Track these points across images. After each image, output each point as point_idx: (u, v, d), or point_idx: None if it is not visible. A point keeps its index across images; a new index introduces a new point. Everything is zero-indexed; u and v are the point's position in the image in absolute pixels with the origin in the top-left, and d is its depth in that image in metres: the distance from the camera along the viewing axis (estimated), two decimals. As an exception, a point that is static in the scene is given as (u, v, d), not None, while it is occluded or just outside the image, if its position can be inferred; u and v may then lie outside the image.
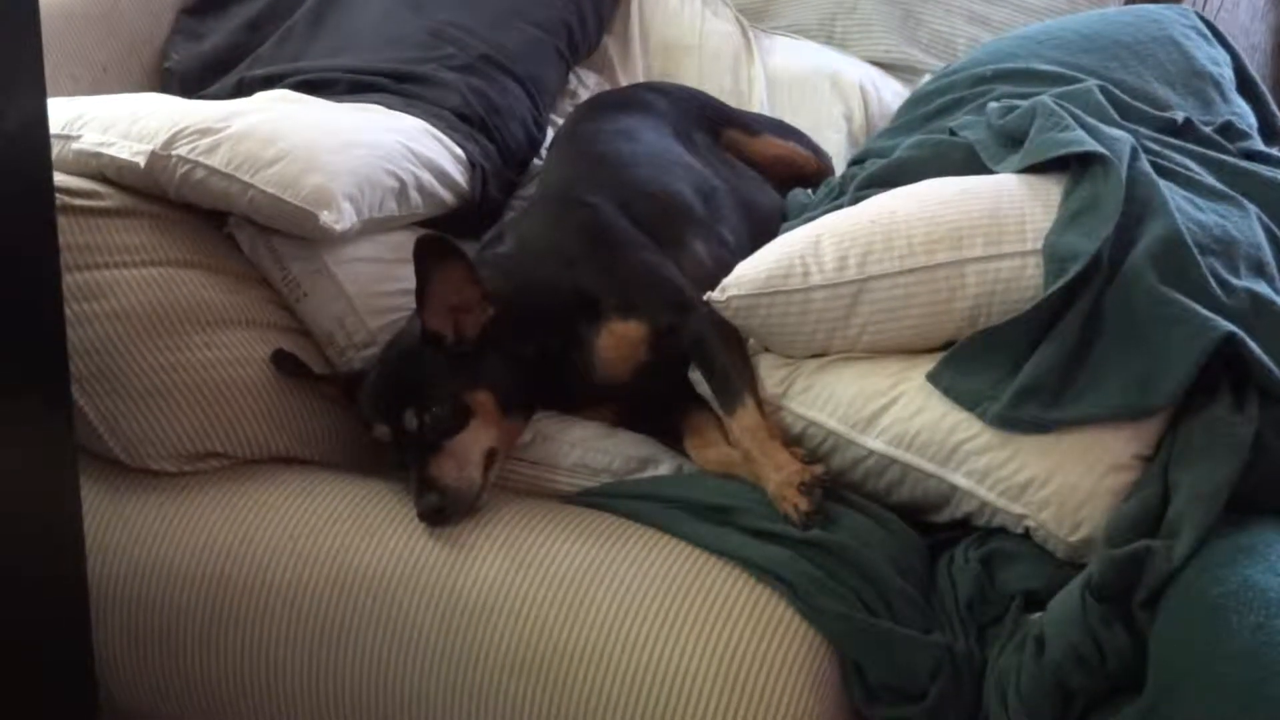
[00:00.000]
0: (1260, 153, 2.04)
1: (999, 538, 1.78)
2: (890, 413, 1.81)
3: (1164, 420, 1.72)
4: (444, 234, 1.85)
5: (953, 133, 2.09)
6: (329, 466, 2.00)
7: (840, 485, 1.84)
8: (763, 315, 1.87)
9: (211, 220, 2.07)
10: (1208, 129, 2.04)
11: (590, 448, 1.98)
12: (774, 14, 3.04)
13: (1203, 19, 2.30)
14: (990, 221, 1.84)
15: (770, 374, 1.91)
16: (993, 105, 2.07)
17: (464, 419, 1.86)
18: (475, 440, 1.86)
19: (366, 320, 2.09)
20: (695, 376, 1.97)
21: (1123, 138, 1.89)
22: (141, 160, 1.96)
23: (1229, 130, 2.06)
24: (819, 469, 1.79)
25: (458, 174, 2.29)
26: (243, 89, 2.49)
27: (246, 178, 1.96)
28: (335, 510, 1.86)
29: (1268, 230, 1.87)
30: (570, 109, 2.64)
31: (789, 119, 2.75)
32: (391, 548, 1.80)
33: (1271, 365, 1.67)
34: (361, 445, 2.03)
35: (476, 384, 1.87)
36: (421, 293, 1.84)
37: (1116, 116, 1.99)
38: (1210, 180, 1.91)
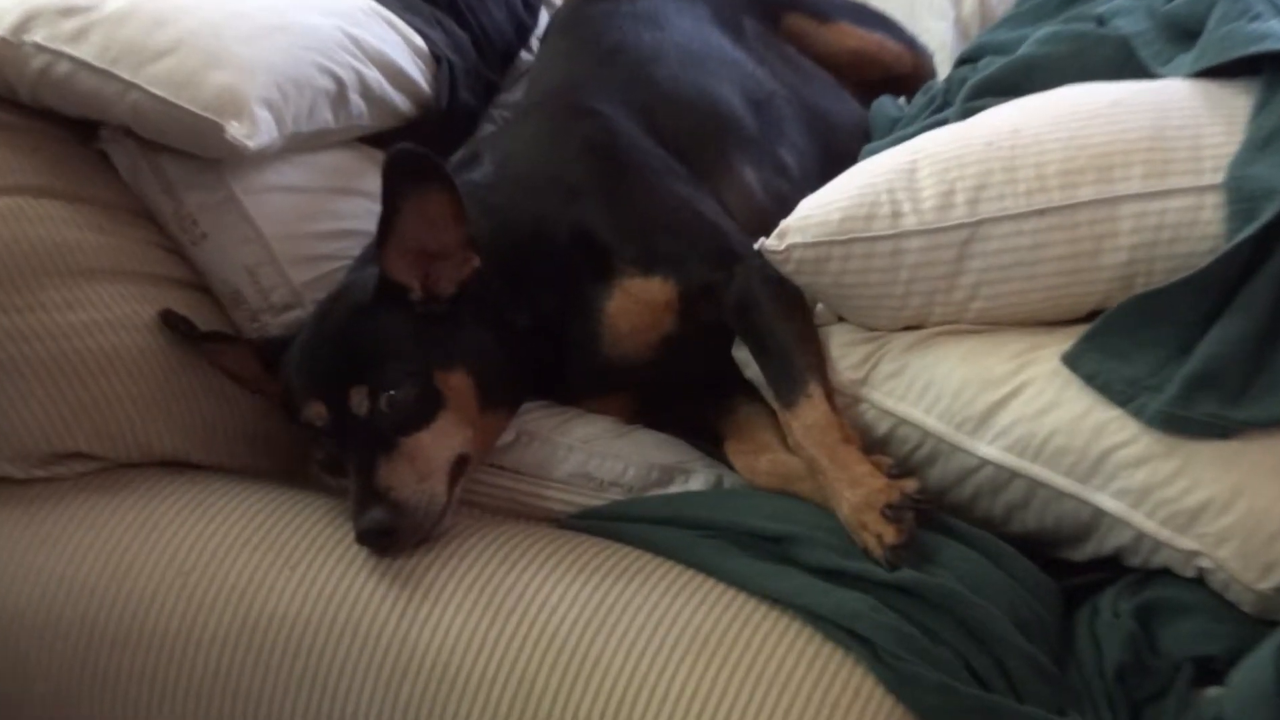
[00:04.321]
0: None
1: (1161, 583, 1.78)
2: (1011, 408, 1.82)
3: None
4: (425, 149, 1.85)
5: (1101, 22, 2.10)
6: (234, 474, 2.01)
7: (941, 508, 1.84)
8: (836, 271, 1.88)
9: (77, 133, 2.08)
10: None
11: (595, 452, 1.99)
12: None
13: None
14: (1152, 145, 1.83)
15: (846, 353, 1.92)
16: (1156, -16, 2.07)
17: (431, 409, 1.87)
18: (443, 439, 1.87)
19: (289, 272, 2.10)
20: (742, 355, 1.97)
21: (1335, 31, 1.88)
22: (-16, 50, 1.97)
23: None
24: (911, 485, 1.78)
25: (416, 71, 2.32)
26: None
27: (127, 75, 1.97)
28: (242, 533, 1.87)
29: None
30: (572, -17, 2.65)
31: (875, 1, 2.78)
32: (320, 586, 1.81)
33: None
34: (280, 445, 2.06)
35: (451, 361, 1.89)
36: (387, 227, 1.85)
37: (1326, 1, 1.98)
38: None
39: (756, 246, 1.93)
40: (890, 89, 2.50)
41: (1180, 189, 1.84)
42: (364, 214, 2.12)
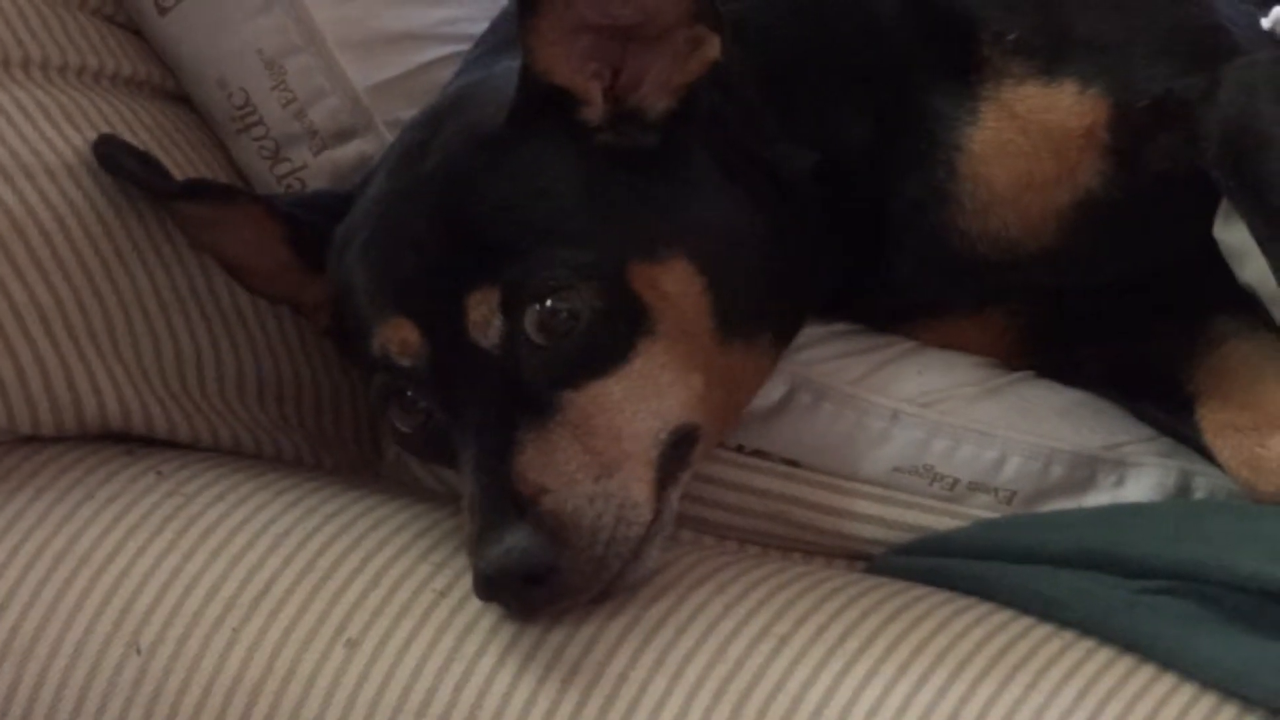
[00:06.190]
0: None
1: None
2: None
3: None
4: None
5: None
6: (238, 460, 1.69)
7: None
8: None
9: None
10: None
11: (943, 426, 1.67)
12: None
13: None
14: None
15: None
16: None
17: (626, 336, 1.49)
18: (647, 395, 1.50)
19: (345, 66, 1.78)
20: (1235, 238, 1.64)
21: None
22: None
23: None
24: None
25: None
26: None
27: None
28: (254, 576, 1.50)
29: None
30: None
31: None
32: (405, 679, 1.44)
33: None
34: (329, 406, 1.81)
35: (662, 241, 1.52)
36: None
37: None
38: None
39: (1269, 24, 1.65)
40: None
41: None
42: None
